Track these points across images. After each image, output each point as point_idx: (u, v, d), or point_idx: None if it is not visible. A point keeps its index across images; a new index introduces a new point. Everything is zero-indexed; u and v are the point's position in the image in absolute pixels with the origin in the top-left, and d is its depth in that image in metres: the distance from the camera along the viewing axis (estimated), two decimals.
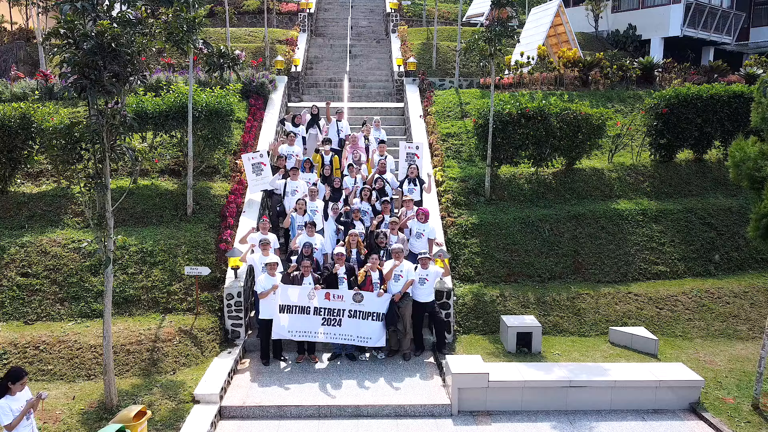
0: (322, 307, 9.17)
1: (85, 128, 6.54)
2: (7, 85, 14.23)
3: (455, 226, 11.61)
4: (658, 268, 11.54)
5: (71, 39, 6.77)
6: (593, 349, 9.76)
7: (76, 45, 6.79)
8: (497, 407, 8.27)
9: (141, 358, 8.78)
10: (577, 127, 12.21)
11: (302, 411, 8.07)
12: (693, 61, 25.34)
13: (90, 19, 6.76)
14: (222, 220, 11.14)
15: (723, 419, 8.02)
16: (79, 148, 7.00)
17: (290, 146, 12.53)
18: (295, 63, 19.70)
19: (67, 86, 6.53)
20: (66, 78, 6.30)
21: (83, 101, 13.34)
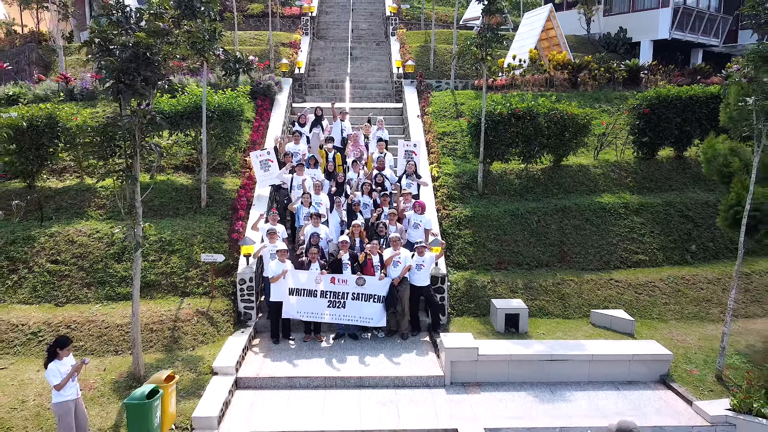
0: (327, 291, 10.06)
1: (119, 127, 7.40)
2: (30, 86, 15.11)
3: (450, 218, 12.49)
4: (638, 256, 12.43)
5: (106, 47, 7.66)
6: (575, 329, 10.64)
7: (109, 52, 7.69)
8: (486, 379, 9.16)
9: (163, 335, 9.66)
10: (564, 126, 13.09)
11: (310, 382, 8.96)
12: (682, 63, 26.23)
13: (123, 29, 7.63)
14: (233, 212, 12.03)
15: (689, 389, 8.92)
16: (113, 145, 7.87)
17: (296, 144, 13.42)
18: (299, 65, 20.59)
19: (105, 89, 7.39)
20: (104, 82, 7.16)
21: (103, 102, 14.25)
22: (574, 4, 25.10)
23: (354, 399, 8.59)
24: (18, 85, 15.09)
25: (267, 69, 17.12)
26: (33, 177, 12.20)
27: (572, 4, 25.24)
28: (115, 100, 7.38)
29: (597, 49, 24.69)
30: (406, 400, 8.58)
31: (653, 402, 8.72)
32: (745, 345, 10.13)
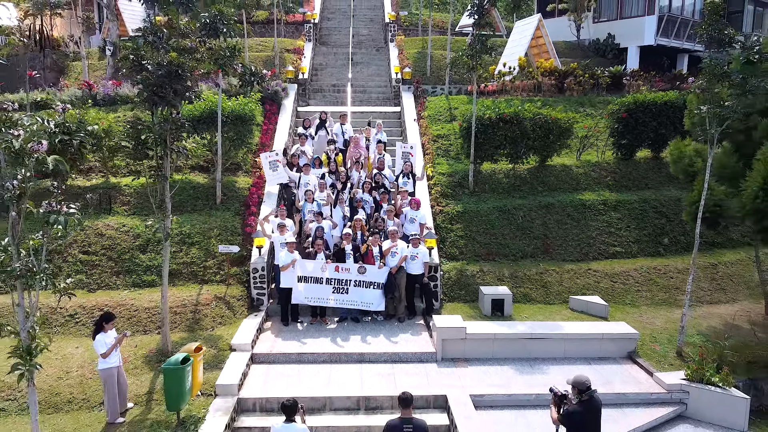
0: (332, 278, 11.23)
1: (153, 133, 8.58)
2: (56, 93, 16.28)
3: (443, 214, 13.67)
4: (614, 248, 13.61)
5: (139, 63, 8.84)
6: (555, 313, 11.82)
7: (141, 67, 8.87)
8: (473, 355, 10.34)
9: (186, 317, 10.85)
10: (548, 130, 14.27)
11: (317, 357, 10.14)
12: (668, 67, 27.40)
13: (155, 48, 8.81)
14: (246, 208, 13.21)
15: (652, 363, 10.10)
16: (145, 148, 9.05)
17: (302, 146, 14.59)
18: (302, 71, 21.75)
19: (141, 101, 8.56)
20: (141, 95, 8.33)
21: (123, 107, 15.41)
22: (564, 12, 26.25)
23: (356, 372, 9.77)
24: (45, 92, 16.25)
25: (273, 76, 18.25)
26: (63, 176, 13.35)
27: (563, 11, 26.39)
28: (149, 110, 8.55)
29: (587, 55, 25.89)
30: (402, 372, 9.75)
31: (620, 374, 9.90)
32: (706, 326, 11.31)
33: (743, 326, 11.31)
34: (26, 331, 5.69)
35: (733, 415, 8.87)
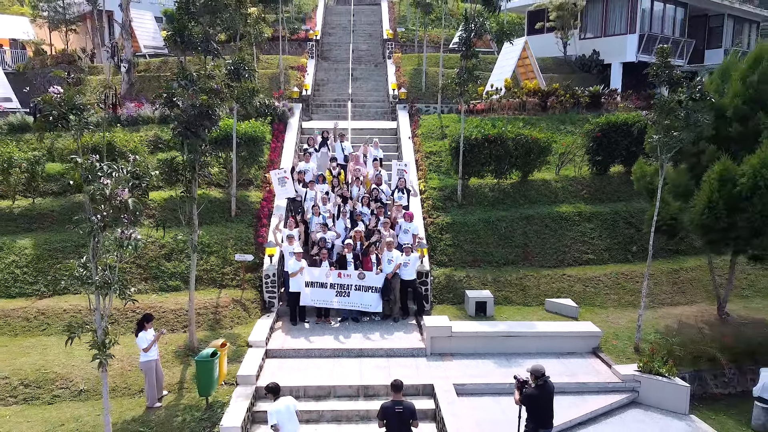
0: (335, 283, 12.80)
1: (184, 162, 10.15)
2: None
3: (434, 225, 15.26)
4: (587, 256, 15.20)
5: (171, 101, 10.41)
6: (532, 314, 13.39)
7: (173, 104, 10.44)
8: (457, 350, 11.90)
9: (207, 318, 12.43)
10: (529, 149, 15.85)
11: (323, 352, 11.71)
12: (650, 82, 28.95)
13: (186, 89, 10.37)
14: (258, 220, 14.79)
15: (612, 357, 11.67)
16: (177, 173, 10.62)
17: (306, 163, 16.16)
18: (306, 88, 23.36)
19: (175, 136, 10.12)
20: (175, 131, 9.90)
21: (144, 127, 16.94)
22: (552, 29, 27.83)
23: (356, 364, 11.34)
24: None
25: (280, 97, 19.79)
26: None
27: (551, 29, 27.96)
28: (181, 144, 10.12)
29: (573, 70, 27.50)
30: (395, 365, 11.32)
31: (584, 367, 11.47)
32: (664, 325, 12.88)
33: (696, 325, 12.88)
34: (102, 329, 7.25)
35: (676, 400, 10.44)
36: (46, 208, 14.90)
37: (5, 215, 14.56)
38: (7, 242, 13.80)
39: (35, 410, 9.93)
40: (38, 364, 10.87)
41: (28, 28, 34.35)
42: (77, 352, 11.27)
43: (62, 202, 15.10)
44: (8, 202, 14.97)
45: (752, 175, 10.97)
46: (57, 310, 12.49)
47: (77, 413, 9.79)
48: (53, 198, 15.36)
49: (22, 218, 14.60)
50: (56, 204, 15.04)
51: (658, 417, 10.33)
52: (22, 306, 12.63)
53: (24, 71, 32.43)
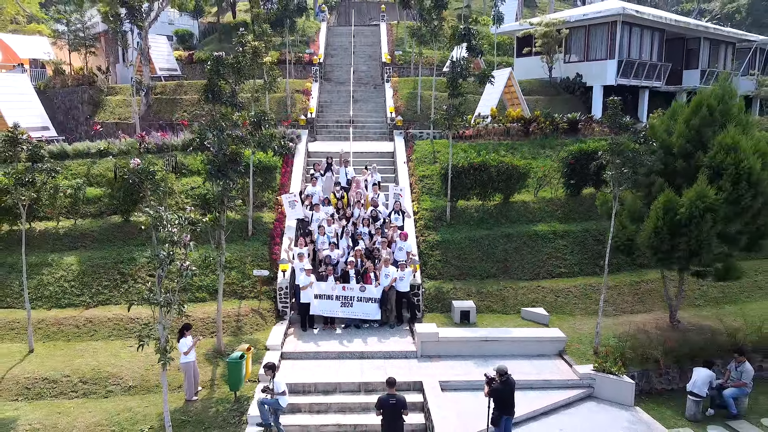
0: (340, 295, 14.92)
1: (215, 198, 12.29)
2: (115, 142, 19.93)
3: (426, 242, 17.39)
4: (560, 269, 17.33)
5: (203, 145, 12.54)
6: (510, 321, 15.51)
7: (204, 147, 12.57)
8: (444, 353, 14.01)
9: (231, 325, 14.55)
10: (510, 175, 17.99)
11: (329, 354, 13.83)
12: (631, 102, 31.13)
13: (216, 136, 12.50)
14: (272, 239, 16.93)
15: (574, 359, 13.78)
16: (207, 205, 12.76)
17: (313, 187, 18.30)
18: (311, 111, 25.52)
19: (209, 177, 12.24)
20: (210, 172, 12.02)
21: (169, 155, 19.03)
22: (539, 53, 29.97)
23: (357, 365, 13.46)
24: (107, 141, 19.90)
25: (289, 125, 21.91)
26: (128, 214, 17.09)
27: (538, 53, 30.10)
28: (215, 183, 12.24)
29: (558, 92, 29.65)
30: (391, 365, 13.43)
31: (549, 367, 13.60)
32: (622, 331, 14.98)
33: (650, 331, 14.99)
34: (164, 338, 9.38)
35: (624, 395, 12.55)
36: (86, 228, 17.05)
37: (52, 235, 16.70)
38: (56, 259, 15.95)
39: (94, 403, 12.07)
40: (92, 365, 13.00)
41: (48, 49, 36.44)
42: (123, 354, 13.51)
43: (100, 223, 17.25)
44: (53, 223, 17.10)
45: (689, 205, 13.08)
46: (102, 319, 14.64)
47: (128, 405, 11.92)
48: (92, 219, 17.50)
49: (67, 238, 16.75)
50: (95, 225, 17.19)
51: (609, 408, 12.44)
52: (72, 315, 14.78)
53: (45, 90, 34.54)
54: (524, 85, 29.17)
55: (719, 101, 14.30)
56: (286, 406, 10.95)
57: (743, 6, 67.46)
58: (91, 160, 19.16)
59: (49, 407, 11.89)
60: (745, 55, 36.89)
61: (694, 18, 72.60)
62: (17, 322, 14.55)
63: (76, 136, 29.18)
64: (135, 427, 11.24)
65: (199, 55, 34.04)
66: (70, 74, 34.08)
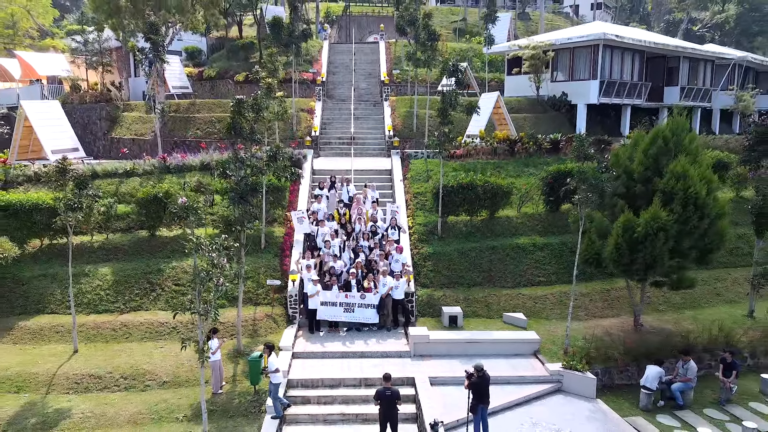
0: (343, 302, 17.00)
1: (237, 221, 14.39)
2: (140, 163, 22.02)
3: (419, 254, 19.49)
4: (539, 278, 19.43)
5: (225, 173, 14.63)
6: (493, 325, 17.59)
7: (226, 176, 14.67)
8: (434, 353, 16.09)
9: (248, 329, 16.65)
10: (495, 193, 20.09)
11: (334, 354, 15.92)
12: (614, 117, 33.26)
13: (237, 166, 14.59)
14: (282, 251, 19.03)
15: (547, 358, 15.87)
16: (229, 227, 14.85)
17: (318, 204, 20.40)
18: (315, 129, 27.64)
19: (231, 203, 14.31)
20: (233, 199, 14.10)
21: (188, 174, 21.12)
22: (527, 73, 32.09)
23: (358, 363, 15.54)
24: (133, 162, 21.99)
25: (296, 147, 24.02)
26: (153, 229, 19.20)
27: (526, 72, 32.22)
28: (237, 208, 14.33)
29: (545, 109, 31.79)
30: (388, 363, 15.49)
31: (525, 365, 15.69)
32: (591, 334, 17.05)
33: (615, 333, 17.07)
34: (202, 340, 11.48)
35: (587, 388, 14.64)
36: (117, 242, 19.17)
37: (87, 248, 18.80)
38: (92, 270, 18.06)
39: (134, 396, 14.17)
40: (130, 363, 15.11)
41: (65, 66, 38.53)
42: (155, 354, 15.62)
43: (130, 238, 19.37)
44: (88, 237, 19.20)
45: (645, 225, 15.17)
46: (135, 323, 16.74)
47: (164, 397, 14.02)
48: (122, 234, 19.62)
49: (101, 251, 18.86)
50: (125, 239, 19.31)
51: (574, 401, 14.54)
52: (108, 320, 16.89)
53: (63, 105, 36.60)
54: (513, 103, 31.38)
55: (673, 134, 16.39)
56: (281, 383, 13.27)
57: (731, 17, 69.56)
58: (119, 179, 21.28)
59: (96, 399, 14.00)
60: (725, 71, 39.02)
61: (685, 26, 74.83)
62: (61, 326, 16.66)
63: (94, 150, 31.33)
64: (171, 415, 13.35)
65: (209, 73, 36.19)
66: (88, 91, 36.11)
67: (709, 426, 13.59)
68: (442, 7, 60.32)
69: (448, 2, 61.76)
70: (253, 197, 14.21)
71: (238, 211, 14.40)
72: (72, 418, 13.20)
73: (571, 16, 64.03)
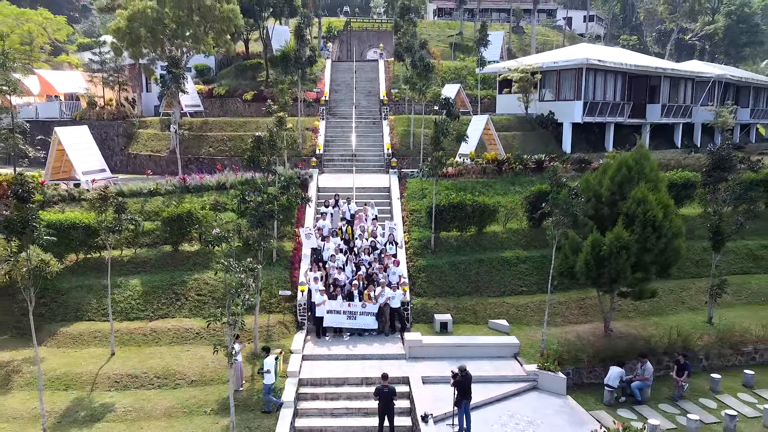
0: (346, 310, 19.25)
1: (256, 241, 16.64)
2: (162, 183, 24.27)
3: (414, 267, 21.75)
4: (522, 288, 21.69)
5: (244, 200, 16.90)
6: (479, 331, 19.84)
7: (246, 202, 16.94)
8: (426, 355, 18.32)
9: (263, 333, 18.91)
10: (482, 211, 22.37)
11: (338, 356, 18.18)
12: (599, 134, 35.52)
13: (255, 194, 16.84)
14: (292, 265, 21.29)
15: (525, 359, 18.12)
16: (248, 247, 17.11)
17: (323, 221, 22.66)
18: (319, 148, 29.92)
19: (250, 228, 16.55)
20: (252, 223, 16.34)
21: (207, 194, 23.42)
22: (517, 92, 34.38)
23: (360, 364, 17.79)
24: (156, 182, 24.24)
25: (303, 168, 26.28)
26: (177, 244, 21.47)
27: (516, 92, 34.50)
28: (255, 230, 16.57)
29: (533, 127, 34.08)
30: (386, 365, 17.73)
31: (505, 366, 17.95)
32: (565, 339, 19.31)
33: (587, 338, 19.33)
34: (231, 345, 13.73)
35: (559, 386, 16.90)
36: (144, 257, 21.45)
37: (118, 262, 21.06)
38: (123, 281, 20.32)
39: (166, 393, 16.42)
40: (161, 364, 17.36)
41: (83, 83, 40.81)
42: (183, 356, 17.87)
43: (155, 252, 21.65)
44: (117, 252, 21.45)
45: (610, 244, 17.42)
46: (163, 329, 19.01)
47: (193, 394, 16.28)
48: (148, 248, 21.89)
49: (130, 264, 21.14)
50: (151, 254, 21.60)
51: (547, 397, 16.79)
52: (139, 326, 19.16)
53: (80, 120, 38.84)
54: (504, 121, 33.68)
55: (636, 162, 18.66)
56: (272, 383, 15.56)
57: (720, 28, 71.86)
58: (143, 198, 23.55)
59: (135, 396, 16.26)
60: (705, 87, 41.31)
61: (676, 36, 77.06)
62: (98, 331, 18.93)
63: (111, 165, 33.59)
64: (200, 409, 15.62)
65: (218, 91, 38.48)
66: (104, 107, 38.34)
67: (661, 418, 15.86)
68: (440, 21, 62.69)
69: (446, 16, 64.05)
70: (269, 221, 16.45)
71: (256, 233, 16.64)
72: (116, 412, 15.47)
73: (564, 29, 66.29)
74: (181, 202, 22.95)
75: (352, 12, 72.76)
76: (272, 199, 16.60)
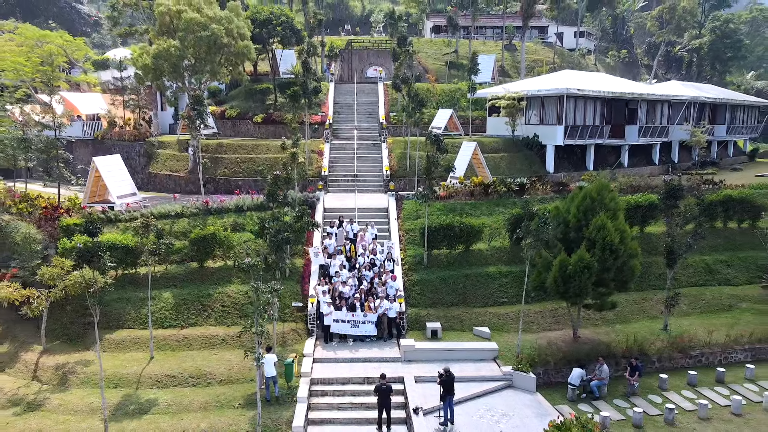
0: (350, 320, 22.40)
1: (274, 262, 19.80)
2: (188, 206, 27.37)
3: (409, 281, 24.91)
4: (503, 299, 24.84)
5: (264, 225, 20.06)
6: (465, 337, 22.98)
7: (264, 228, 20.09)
8: (419, 358, 21.46)
9: (279, 340, 22.05)
10: (469, 232, 25.53)
11: (344, 359, 21.32)
12: (580, 154, 38.67)
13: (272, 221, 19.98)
14: (302, 279, 24.45)
15: (503, 362, 21.26)
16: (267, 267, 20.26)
17: (329, 240, 25.82)
18: (324, 170, 33.08)
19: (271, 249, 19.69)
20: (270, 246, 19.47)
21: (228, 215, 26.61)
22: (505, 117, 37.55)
23: (362, 366, 20.92)
24: (181, 205, 27.37)
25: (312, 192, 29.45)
26: (203, 261, 24.63)
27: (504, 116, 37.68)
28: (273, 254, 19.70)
29: (520, 148, 37.25)
30: (384, 366, 20.86)
31: (486, 367, 21.10)
32: (538, 344, 22.44)
33: (557, 344, 22.45)
34: (258, 351, 16.88)
35: (530, 385, 20.03)
36: (174, 272, 24.61)
37: (151, 277, 24.20)
38: (156, 294, 23.48)
39: (200, 390, 19.57)
40: (193, 366, 20.51)
41: (104, 105, 43.95)
42: (212, 359, 21.03)
43: (183, 268, 24.81)
44: (151, 268, 24.60)
45: (574, 264, 20.55)
46: (194, 336, 22.17)
47: (222, 391, 19.43)
48: (176, 265, 25.05)
49: (162, 279, 24.30)
50: (180, 270, 24.75)
51: (520, 394, 19.94)
52: (172, 333, 22.32)
53: (102, 139, 41.94)
54: (493, 143, 36.88)
55: (598, 193, 21.83)
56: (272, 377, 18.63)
57: (705, 43, 75.06)
58: (171, 220, 26.72)
59: (173, 392, 19.41)
60: (681, 107, 44.49)
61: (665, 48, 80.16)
62: (138, 338, 22.09)
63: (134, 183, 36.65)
64: (230, 404, 18.77)
65: (230, 113, 41.63)
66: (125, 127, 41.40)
67: (614, 411, 19.03)
68: (437, 38, 65.83)
69: (442, 33, 67.20)
70: (285, 245, 19.61)
71: (274, 256, 19.78)
72: (159, 406, 18.63)
73: (555, 44, 69.43)
74: (204, 222, 26.12)
75: (353, 29, 75.99)
76: (288, 227, 19.74)
